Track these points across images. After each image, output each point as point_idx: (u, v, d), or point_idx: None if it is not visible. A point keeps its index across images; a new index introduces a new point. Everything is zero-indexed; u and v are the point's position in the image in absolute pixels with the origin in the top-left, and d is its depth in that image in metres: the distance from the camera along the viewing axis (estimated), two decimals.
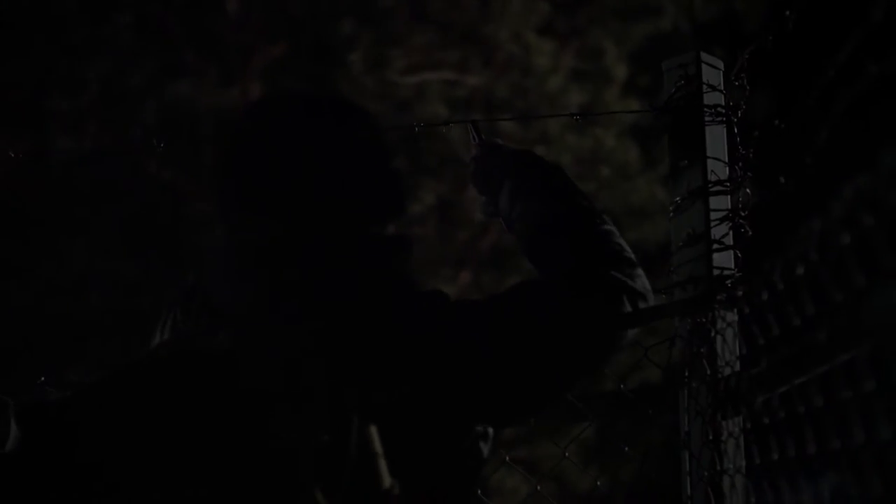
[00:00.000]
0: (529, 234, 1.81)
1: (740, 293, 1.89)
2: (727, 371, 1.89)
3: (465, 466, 1.52)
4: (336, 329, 1.49)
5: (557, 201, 1.82)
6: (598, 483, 2.53)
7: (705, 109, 2.06)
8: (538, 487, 2.47)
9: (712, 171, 2.03)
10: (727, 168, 2.04)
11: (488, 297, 1.67)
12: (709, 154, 2.04)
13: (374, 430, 1.41)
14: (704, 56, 2.08)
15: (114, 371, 1.55)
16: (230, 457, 1.45)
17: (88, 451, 1.46)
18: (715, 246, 1.99)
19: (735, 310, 1.91)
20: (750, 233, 1.98)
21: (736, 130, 2.04)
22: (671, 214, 2.07)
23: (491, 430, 1.54)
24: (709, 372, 1.91)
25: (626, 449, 2.35)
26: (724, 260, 2.00)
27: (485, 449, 1.53)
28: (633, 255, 1.73)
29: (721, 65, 2.11)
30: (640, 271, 1.71)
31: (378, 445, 1.40)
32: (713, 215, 2.01)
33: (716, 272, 1.97)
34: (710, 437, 1.89)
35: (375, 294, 1.54)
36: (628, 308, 1.66)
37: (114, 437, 1.47)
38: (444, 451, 1.51)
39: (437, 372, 1.51)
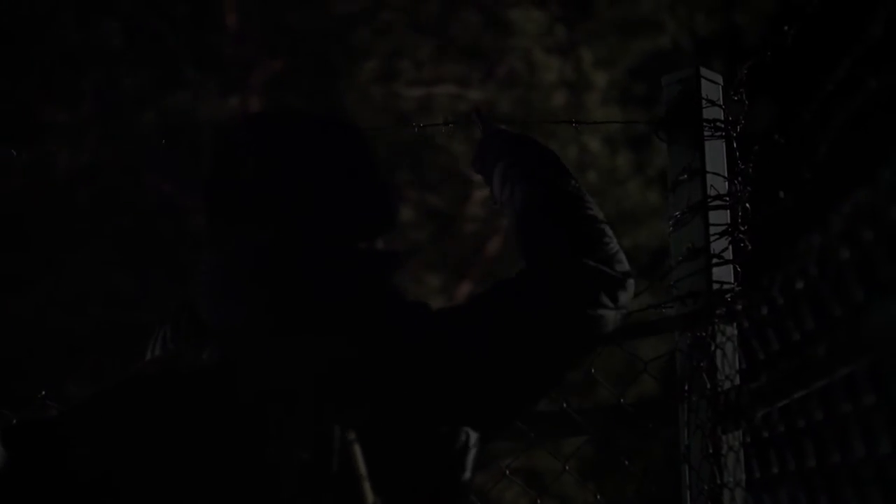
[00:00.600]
0: (514, 216, 1.80)
1: (740, 307, 1.89)
2: (727, 385, 1.90)
3: (452, 478, 1.52)
4: (322, 344, 1.49)
5: (541, 184, 1.79)
6: (598, 497, 2.53)
7: (704, 124, 2.06)
8: (538, 502, 2.47)
9: (712, 185, 2.03)
10: (726, 182, 2.05)
11: (468, 301, 1.67)
12: (708, 169, 2.04)
13: (357, 446, 1.41)
14: (704, 71, 2.09)
15: (102, 389, 1.55)
16: (214, 473, 1.45)
17: (75, 469, 1.47)
18: (714, 260, 1.99)
19: (735, 324, 1.91)
20: (749, 247, 1.99)
21: (735, 145, 2.04)
22: (671, 229, 2.07)
23: (475, 439, 1.53)
24: (708, 386, 1.91)
25: (626, 463, 2.35)
26: (723, 274, 2.00)
27: (471, 459, 1.53)
28: (615, 241, 1.70)
29: (720, 79, 2.11)
30: (621, 258, 1.68)
31: (361, 462, 1.41)
32: (713, 230, 2.01)
33: (715, 286, 1.97)
34: (710, 451, 1.89)
35: (363, 309, 1.54)
36: (606, 299, 1.63)
37: (100, 457, 1.47)
38: (430, 464, 1.51)
39: (424, 383, 1.51)
